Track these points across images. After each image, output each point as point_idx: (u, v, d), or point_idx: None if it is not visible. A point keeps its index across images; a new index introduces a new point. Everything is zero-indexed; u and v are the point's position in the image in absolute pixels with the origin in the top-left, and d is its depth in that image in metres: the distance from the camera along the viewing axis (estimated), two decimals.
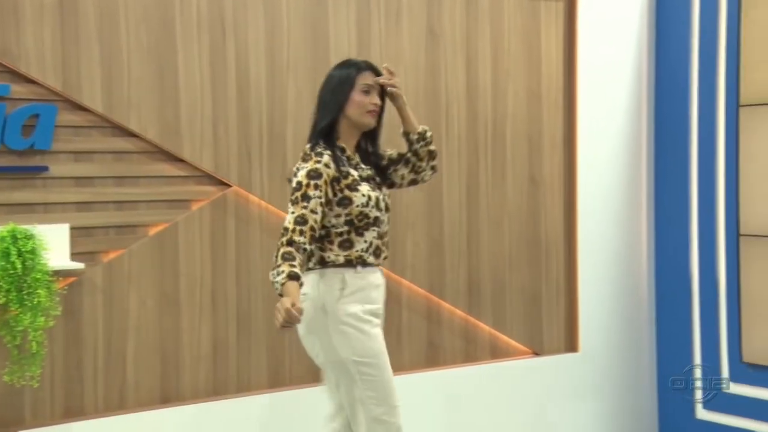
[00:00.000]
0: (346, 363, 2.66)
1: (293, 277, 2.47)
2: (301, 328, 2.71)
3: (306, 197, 2.58)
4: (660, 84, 4.12)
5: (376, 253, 2.72)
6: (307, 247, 2.56)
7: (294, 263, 2.50)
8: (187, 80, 3.24)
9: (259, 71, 3.36)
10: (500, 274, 3.89)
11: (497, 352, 3.91)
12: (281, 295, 2.46)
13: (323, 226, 2.65)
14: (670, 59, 4.06)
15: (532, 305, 3.97)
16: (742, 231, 3.78)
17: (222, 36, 3.29)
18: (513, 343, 3.92)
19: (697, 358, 3.96)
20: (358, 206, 2.66)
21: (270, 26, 3.38)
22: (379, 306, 2.74)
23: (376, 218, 2.70)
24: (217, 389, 3.32)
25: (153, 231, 3.23)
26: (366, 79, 2.72)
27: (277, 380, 3.43)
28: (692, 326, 3.98)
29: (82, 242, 3.09)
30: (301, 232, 2.55)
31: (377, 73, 2.76)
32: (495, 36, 3.84)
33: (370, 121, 2.73)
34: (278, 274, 2.48)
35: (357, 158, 2.75)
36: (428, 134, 2.85)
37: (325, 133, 2.70)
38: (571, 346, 4.06)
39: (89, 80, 3.08)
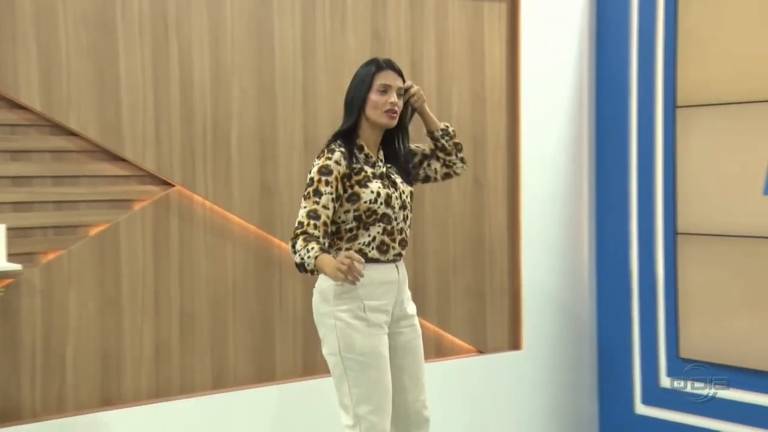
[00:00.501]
0: (337, 356, 2.75)
1: (324, 251, 2.60)
2: (314, 314, 2.86)
3: (318, 193, 2.68)
4: (600, 86, 4.19)
5: (381, 248, 2.77)
6: (321, 240, 2.66)
7: (319, 242, 2.63)
8: (128, 79, 3.20)
9: (203, 71, 3.34)
10: (445, 275, 3.92)
11: (442, 351, 3.94)
12: (312, 272, 2.60)
13: (333, 222, 2.75)
14: (610, 61, 4.13)
15: (476, 304, 4.01)
16: (679, 229, 3.87)
17: (165, 35, 3.27)
18: (458, 341, 3.96)
19: (636, 354, 4.05)
20: (366, 202, 2.73)
21: (214, 26, 3.36)
22: (384, 303, 2.78)
23: (384, 214, 2.77)
24: (160, 391, 3.29)
25: (93, 231, 3.18)
26: (384, 78, 2.79)
27: (221, 381, 3.41)
28: (632, 323, 4.06)
29: (19, 243, 3.03)
30: (315, 226, 2.66)
31: (396, 70, 2.83)
32: (439, 38, 3.87)
33: (387, 121, 2.80)
34: (308, 251, 2.59)
35: (377, 156, 2.84)
36: (451, 129, 3.01)
37: (346, 133, 2.80)
38: (514, 344, 4.11)
39: (26, 78, 3.02)
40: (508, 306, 4.10)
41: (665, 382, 3.96)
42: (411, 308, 2.93)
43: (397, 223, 2.82)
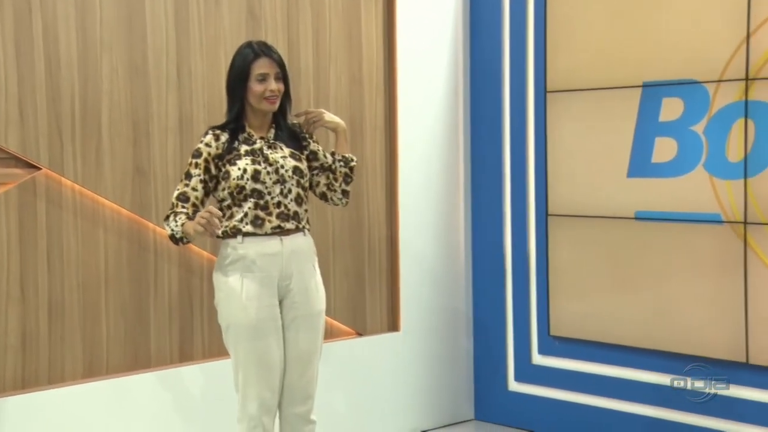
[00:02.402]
0: (222, 326, 2.92)
1: (190, 218, 2.80)
2: None
3: (188, 175, 2.87)
4: (475, 70, 4.28)
5: (256, 222, 2.86)
6: (190, 216, 2.82)
7: (187, 214, 2.81)
8: None
9: (69, 48, 3.21)
10: (324, 257, 3.90)
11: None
12: (181, 239, 2.82)
13: (219, 201, 2.90)
14: (484, 47, 4.23)
15: (355, 287, 4.03)
16: (550, 211, 4.01)
17: (27, 8, 3.11)
18: (337, 324, 3.97)
19: (510, 333, 4.17)
20: (234, 179, 2.84)
21: (80, 1, 3.23)
22: (264, 275, 2.86)
23: (254, 190, 2.86)
24: (27, 381, 3.15)
25: None
26: (260, 67, 2.87)
27: (93, 370, 3.30)
28: (506, 303, 4.19)
29: None
30: (183, 207, 2.84)
31: (272, 56, 2.89)
32: (316, 18, 3.85)
33: (268, 108, 2.90)
34: (176, 222, 2.81)
35: (263, 134, 2.93)
36: (352, 162, 3.06)
37: (232, 118, 2.91)
38: (393, 325, 4.16)
39: None
40: (386, 288, 4.14)
41: (537, 359, 4.10)
42: (311, 283, 2.97)
43: (272, 198, 2.89)
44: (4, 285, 3.10)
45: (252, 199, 2.86)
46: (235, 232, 2.86)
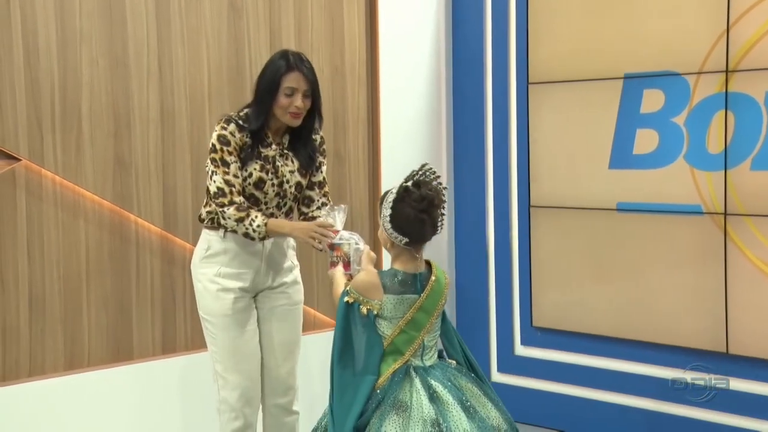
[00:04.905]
0: (201, 316, 2.94)
1: (268, 216, 2.77)
2: None
3: (225, 163, 2.77)
4: (457, 62, 4.28)
5: None
6: (246, 205, 2.78)
7: (260, 209, 2.79)
8: None
9: (49, 39, 3.19)
10: (307, 249, 3.90)
11: (305, 326, 3.92)
12: (263, 239, 2.75)
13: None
14: (466, 38, 4.22)
15: None
16: (533, 202, 4.01)
17: (6, 0, 3.09)
18: (320, 315, 3.98)
19: (493, 324, 4.18)
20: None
21: None
22: (241, 271, 2.86)
23: (252, 195, 2.83)
24: (7, 374, 3.14)
25: None
26: (291, 81, 2.82)
27: (74, 362, 3.29)
28: (489, 294, 4.19)
29: None
30: (237, 193, 2.76)
31: (304, 72, 2.83)
32: (298, 10, 3.84)
33: (291, 122, 2.85)
34: (252, 222, 2.71)
35: (278, 139, 2.88)
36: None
37: (256, 127, 2.82)
38: None
39: None
40: None
41: (519, 350, 4.11)
42: (288, 276, 2.99)
43: (267, 208, 2.88)
44: None
45: (248, 203, 2.84)
46: (218, 226, 2.85)
